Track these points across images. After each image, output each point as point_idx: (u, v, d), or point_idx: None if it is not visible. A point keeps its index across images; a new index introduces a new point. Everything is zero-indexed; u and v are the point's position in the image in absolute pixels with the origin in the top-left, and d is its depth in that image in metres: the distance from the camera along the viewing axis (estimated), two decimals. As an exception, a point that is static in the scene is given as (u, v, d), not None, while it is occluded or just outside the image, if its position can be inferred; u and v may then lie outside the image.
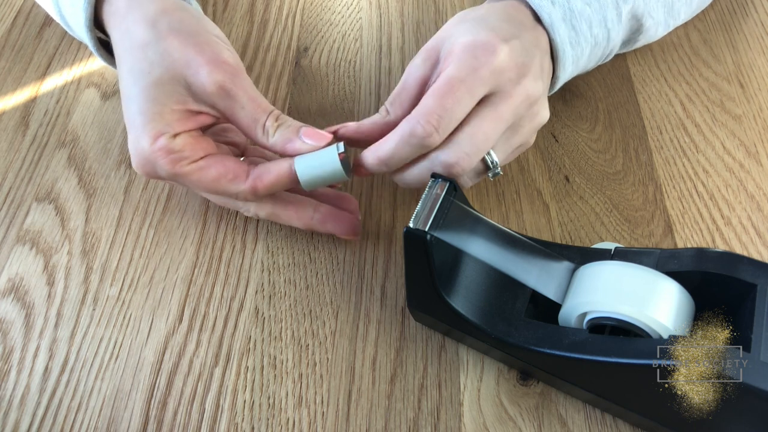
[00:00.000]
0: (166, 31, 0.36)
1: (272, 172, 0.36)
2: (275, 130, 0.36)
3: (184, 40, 0.35)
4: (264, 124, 0.36)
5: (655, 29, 0.45)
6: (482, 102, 0.35)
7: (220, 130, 0.42)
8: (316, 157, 0.36)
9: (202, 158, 0.36)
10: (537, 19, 0.38)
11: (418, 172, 0.36)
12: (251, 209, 0.39)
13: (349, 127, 0.37)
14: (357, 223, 0.40)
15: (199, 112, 0.37)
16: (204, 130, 0.39)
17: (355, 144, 0.38)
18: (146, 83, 0.36)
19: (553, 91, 0.42)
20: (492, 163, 0.36)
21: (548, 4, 0.38)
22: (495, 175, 0.37)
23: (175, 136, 0.36)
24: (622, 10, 0.41)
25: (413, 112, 0.34)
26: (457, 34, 0.36)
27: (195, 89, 0.35)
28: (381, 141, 0.35)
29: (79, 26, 0.40)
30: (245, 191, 0.36)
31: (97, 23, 0.40)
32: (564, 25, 0.38)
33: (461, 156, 0.34)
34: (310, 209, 0.39)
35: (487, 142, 0.35)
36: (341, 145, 0.35)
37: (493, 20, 0.37)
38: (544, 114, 0.38)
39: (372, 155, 0.35)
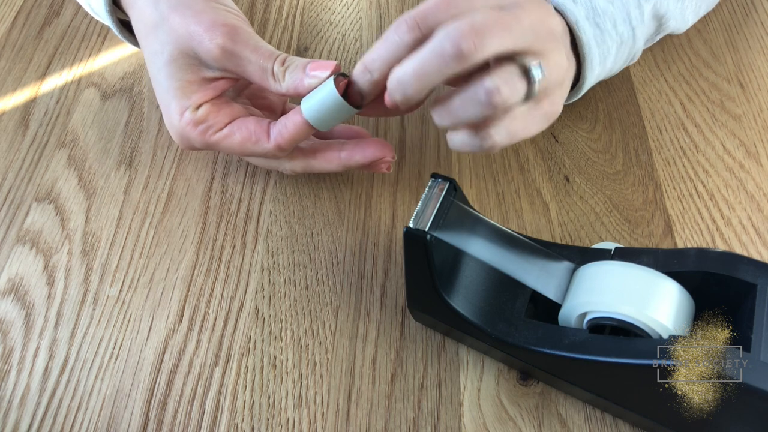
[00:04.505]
0: (167, 10, 0.37)
1: (289, 126, 0.36)
2: (284, 74, 0.36)
3: (183, 14, 0.37)
4: (273, 71, 0.36)
5: (674, 29, 0.45)
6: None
7: (256, 90, 0.43)
8: (315, 93, 0.35)
9: (227, 125, 0.38)
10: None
11: (419, 60, 0.30)
12: (286, 165, 0.40)
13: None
14: (386, 146, 0.39)
15: (216, 78, 0.38)
16: (232, 93, 0.41)
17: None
18: (162, 63, 0.37)
19: (579, 95, 0.41)
20: (528, 64, 0.30)
21: (570, 3, 0.37)
22: (539, 76, 0.31)
23: (198, 107, 0.37)
24: (644, 8, 0.40)
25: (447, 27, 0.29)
26: None
27: (204, 58, 0.37)
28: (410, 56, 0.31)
29: (100, 9, 0.42)
30: (271, 150, 0.37)
31: (117, 5, 0.42)
32: (588, 23, 0.38)
33: (475, 29, 0.29)
34: (336, 149, 0.39)
35: (503, 30, 0.30)
36: (337, 75, 0.34)
37: None
38: (566, 63, 0.33)
39: (359, 65, 0.33)
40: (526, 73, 0.31)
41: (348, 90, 0.34)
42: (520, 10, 0.31)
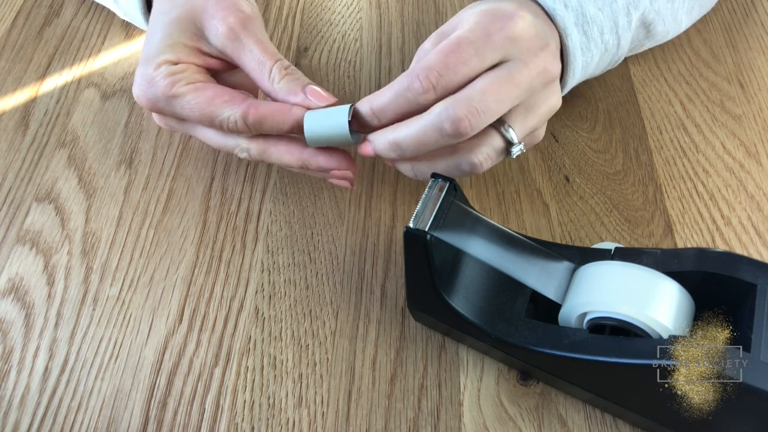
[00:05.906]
0: None
1: (270, 106, 0.36)
2: (281, 78, 0.36)
3: None
4: (270, 69, 0.37)
5: (663, 35, 0.45)
6: (496, 65, 0.34)
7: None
8: (326, 112, 0.36)
9: (200, 82, 0.37)
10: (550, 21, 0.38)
11: (419, 131, 0.33)
12: (243, 144, 0.38)
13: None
14: (352, 162, 0.38)
15: (209, 55, 0.38)
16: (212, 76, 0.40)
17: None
18: (165, 20, 0.38)
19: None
20: (511, 138, 0.35)
21: (561, 8, 0.38)
22: (518, 152, 0.35)
23: (179, 63, 0.37)
24: (632, 16, 0.40)
25: (412, 66, 0.33)
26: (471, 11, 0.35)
27: (208, 33, 0.37)
28: (377, 92, 0.35)
29: None
30: (236, 116, 0.36)
31: None
32: (576, 30, 0.38)
33: (471, 111, 0.32)
34: (301, 145, 0.38)
35: (499, 104, 0.33)
36: (352, 108, 0.35)
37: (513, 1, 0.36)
38: (556, 100, 0.37)
39: (366, 105, 0.35)
40: (509, 144, 0.35)
41: (350, 120, 0.35)
42: (522, 66, 0.33)
